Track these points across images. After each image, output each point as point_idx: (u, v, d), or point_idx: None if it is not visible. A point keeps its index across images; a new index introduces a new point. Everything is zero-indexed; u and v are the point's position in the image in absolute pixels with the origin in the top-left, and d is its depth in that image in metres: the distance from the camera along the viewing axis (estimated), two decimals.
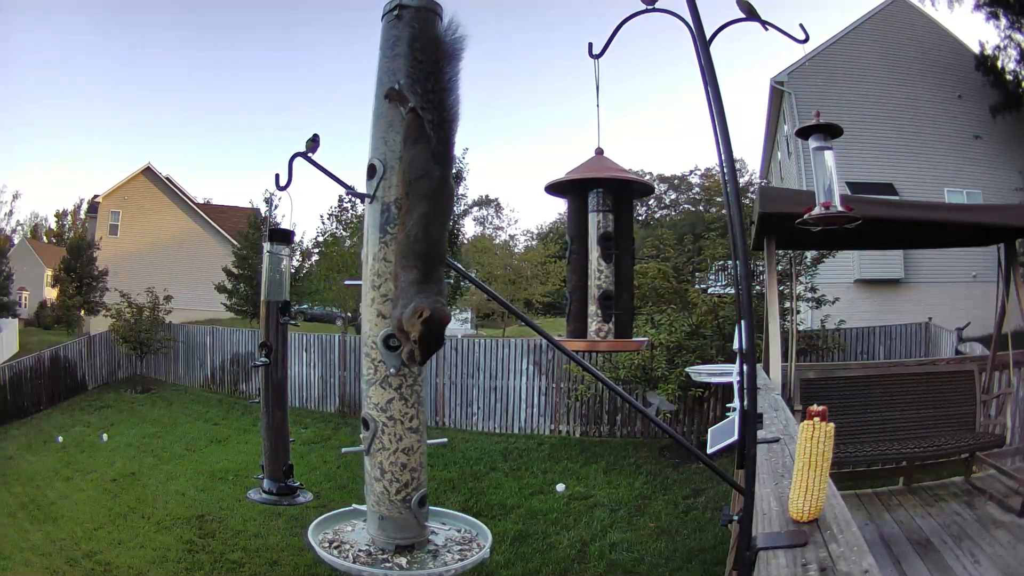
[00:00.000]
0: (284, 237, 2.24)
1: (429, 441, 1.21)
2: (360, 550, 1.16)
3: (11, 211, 44.34)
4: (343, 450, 1.23)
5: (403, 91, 1.13)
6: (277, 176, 1.26)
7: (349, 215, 16.50)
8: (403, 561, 1.14)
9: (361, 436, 1.18)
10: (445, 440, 1.43)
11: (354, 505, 1.28)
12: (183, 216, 28.30)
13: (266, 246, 2.16)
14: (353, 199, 12.62)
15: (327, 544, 1.19)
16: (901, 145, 15.61)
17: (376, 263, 1.17)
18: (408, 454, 1.15)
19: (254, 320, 18.11)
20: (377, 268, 1.17)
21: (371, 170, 1.19)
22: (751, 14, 1.27)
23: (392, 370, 1.13)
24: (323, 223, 17.82)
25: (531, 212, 76.78)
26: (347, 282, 1.40)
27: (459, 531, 1.27)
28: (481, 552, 1.19)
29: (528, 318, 1.58)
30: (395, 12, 1.17)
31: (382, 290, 1.16)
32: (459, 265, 1.33)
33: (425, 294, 1.04)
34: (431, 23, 1.15)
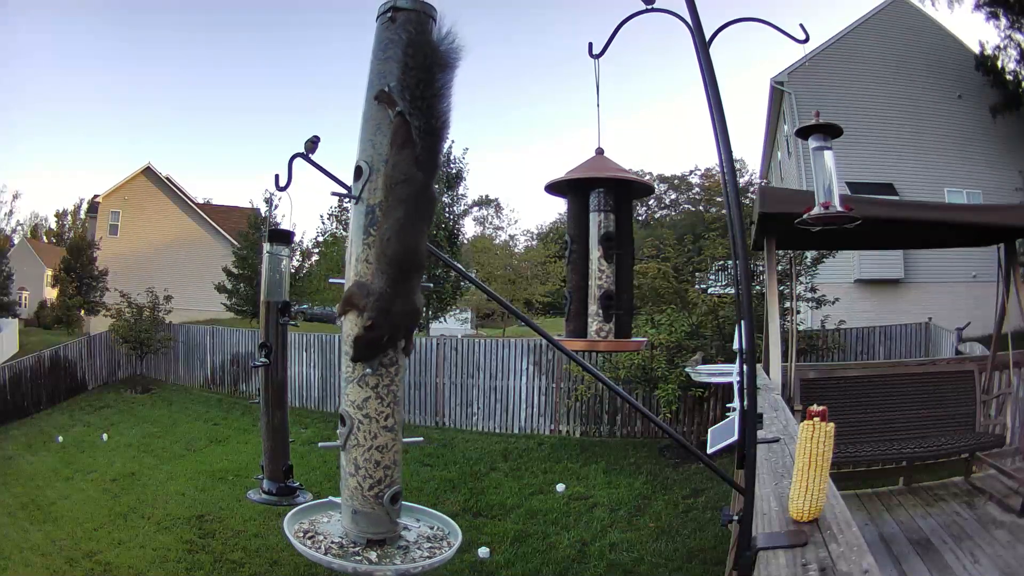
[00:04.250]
0: (284, 237, 2.24)
1: (404, 440, 1.23)
2: (333, 542, 1.18)
3: (11, 211, 44.39)
4: (320, 445, 1.25)
5: (392, 95, 1.12)
6: (277, 176, 1.27)
7: (349, 215, 16.49)
8: (373, 555, 1.16)
9: (338, 432, 1.20)
10: (421, 439, 1.47)
11: (330, 497, 1.30)
12: (183, 216, 28.31)
13: (266, 246, 2.17)
14: None
15: (302, 534, 1.21)
16: (901, 145, 15.61)
17: (358, 264, 1.18)
18: (382, 451, 1.17)
19: (254, 320, 18.11)
20: (359, 269, 1.18)
21: (357, 172, 1.19)
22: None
23: (369, 370, 1.15)
24: (323, 223, 17.87)
25: (531, 212, 76.85)
26: (332, 280, 1.41)
27: (431, 528, 1.29)
28: (450, 551, 1.21)
29: (528, 318, 1.58)
30: (389, 14, 1.17)
31: None
32: (459, 265, 1.33)
33: (389, 304, 1.07)
34: (426, 27, 1.15)
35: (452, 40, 1.11)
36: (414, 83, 1.10)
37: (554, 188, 1.45)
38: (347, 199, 1.24)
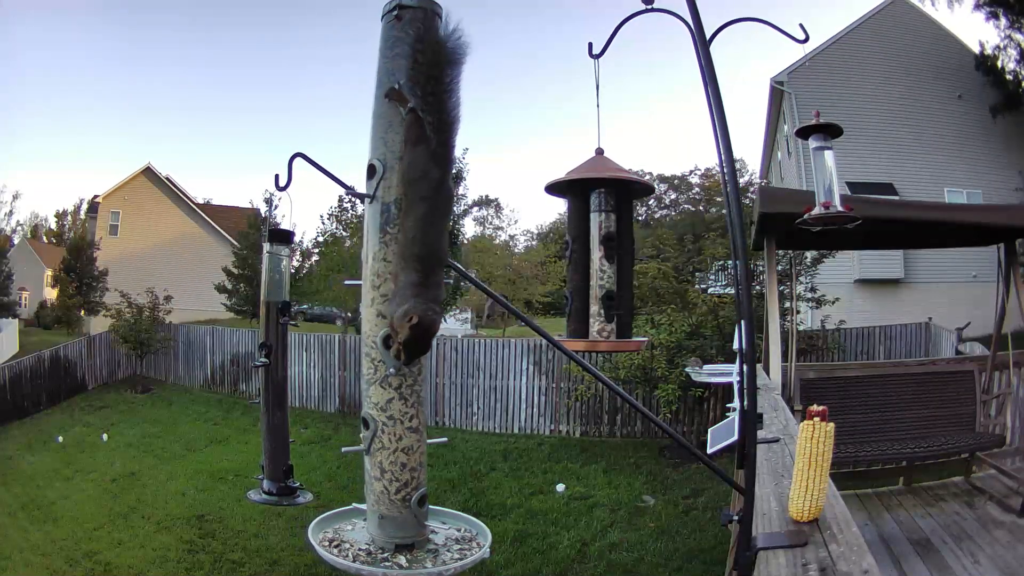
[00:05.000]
0: (284, 237, 2.24)
1: (429, 440, 1.21)
2: (360, 549, 1.16)
3: (11, 211, 44.28)
4: (344, 449, 1.24)
5: (403, 92, 1.13)
6: (277, 176, 1.27)
7: (349, 215, 16.49)
8: (403, 560, 1.14)
9: (361, 435, 1.18)
10: (446, 439, 1.44)
11: (354, 504, 1.29)
12: (183, 216, 28.30)
13: (266, 246, 2.16)
14: (353, 199, 12.62)
15: (327, 543, 1.19)
16: (901, 145, 15.60)
17: (376, 263, 1.17)
18: (408, 453, 1.16)
19: (254, 320, 18.10)
20: (377, 268, 1.17)
21: (371, 170, 1.19)
22: None
23: (392, 370, 1.13)
24: (323, 223, 17.81)
25: (531, 212, 76.78)
26: (347, 282, 1.40)
27: (459, 530, 1.28)
28: (481, 551, 1.19)
29: (528, 318, 1.58)
30: (395, 12, 1.17)
31: (382, 290, 1.16)
32: (459, 265, 1.33)
33: (421, 298, 1.05)
34: (432, 24, 1.15)
35: (459, 36, 1.12)
36: (424, 79, 1.10)
37: (554, 188, 1.44)
38: (349, 198, 1.24)
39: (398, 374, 1.14)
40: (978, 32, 36.74)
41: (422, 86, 1.10)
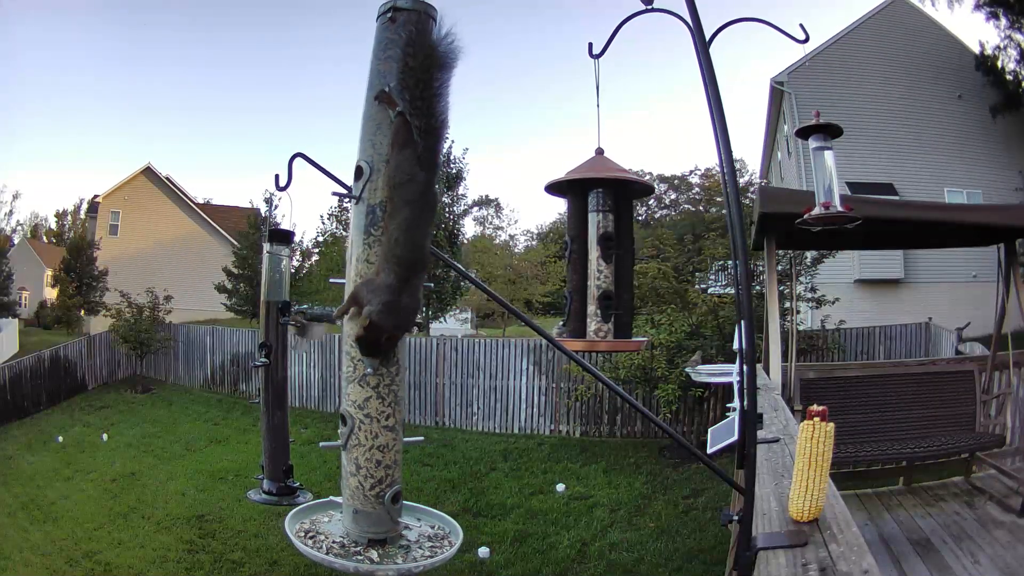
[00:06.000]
0: (284, 237, 2.25)
1: (405, 440, 1.23)
2: (334, 541, 1.18)
3: (11, 211, 44.27)
4: (321, 445, 1.26)
5: (392, 95, 1.13)
6: (277, 176, 1.27)
7: (349, 215, 16.51)
8: (375, 555, 1.16)
9: (339, 432, 1.20)
10: (421, 439, 1.46)
11: (331, 497, 1.31)
12: (183, 216, 28.32)
13: (266, 247, 2.17)
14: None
15: (303, 534, 1.21)
16: (901, 145, 15.60)
17: (359, 264, 1.18)
18: (383, 451, 1.17)
19: (254, 320, 18.10)
20: (360, 269, 1.18)
21: (358, 172, 1.19)
22: None
23: (370, 369, 1.15)
24: (323, 223, 17.85)
25: (531, 212, 76.84)
26: (332, 280, 1.41)
27: (432, 527, 1.29)
28: (452, 549, 1.21)
29: (528, 318, 1.58)
30: (389, 14, 1.17)
31: None
32: (459, 265, 1.33)
33: (393, 300, 1.07)
34: (426, 27, 1.15)
35: (451, 40, 1.11)
36: (413, 83, 1.10)
37: (554, 188, 1.45)
38: (347, 199, 1.24)
39: (376, 373, 1.15)
40: (978, 32, 36.86)
41: (411, 90, 1.10)
